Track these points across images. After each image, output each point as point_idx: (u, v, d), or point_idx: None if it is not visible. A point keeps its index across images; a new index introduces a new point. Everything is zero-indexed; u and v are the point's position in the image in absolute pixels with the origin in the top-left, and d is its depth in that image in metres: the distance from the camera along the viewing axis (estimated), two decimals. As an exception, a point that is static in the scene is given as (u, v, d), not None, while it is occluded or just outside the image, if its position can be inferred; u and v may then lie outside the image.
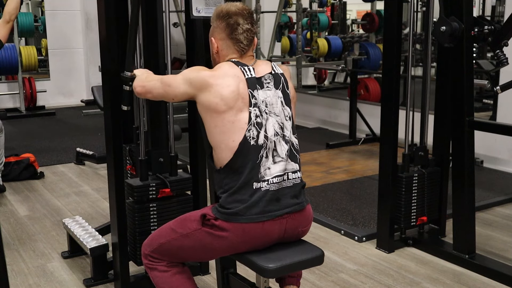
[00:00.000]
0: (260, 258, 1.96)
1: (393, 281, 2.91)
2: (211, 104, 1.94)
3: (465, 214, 3.08)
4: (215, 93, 1.94)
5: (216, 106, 1.93)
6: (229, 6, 2.04)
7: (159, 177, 2.57)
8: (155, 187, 2.53)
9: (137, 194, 2.50)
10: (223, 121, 1.94)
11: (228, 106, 1.93)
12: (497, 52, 2.94)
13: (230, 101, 1.94)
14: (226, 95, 1.93)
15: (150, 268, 2.11)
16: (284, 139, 2.01)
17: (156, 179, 2.56)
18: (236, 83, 1.96)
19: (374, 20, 7.74)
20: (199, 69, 2.03)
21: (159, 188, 2.54)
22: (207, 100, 1.95)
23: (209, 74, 1.98)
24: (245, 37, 2.03)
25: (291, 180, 2.02)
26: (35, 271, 3.03)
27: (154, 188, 2.53)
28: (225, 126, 1.94)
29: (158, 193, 2.54)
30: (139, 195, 2.51)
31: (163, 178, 2.55)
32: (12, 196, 4.31)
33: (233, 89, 1.95)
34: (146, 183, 2.52)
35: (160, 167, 2.58)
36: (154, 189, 2.53)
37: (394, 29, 3.13)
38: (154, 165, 2.56)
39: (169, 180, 2.55)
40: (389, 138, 3.22)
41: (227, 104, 1.93)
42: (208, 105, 1.95)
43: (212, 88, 1.94)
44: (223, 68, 2.00)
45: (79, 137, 6.30)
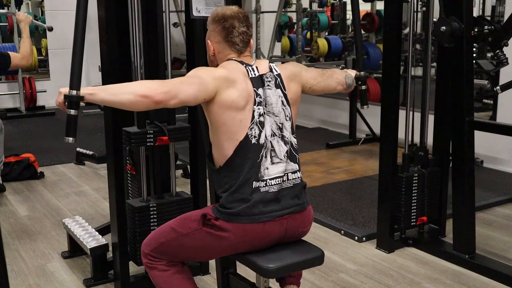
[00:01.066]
0: (260, 258, 1.95)
1: (393, 281, 2.91)
2: (234, 99, 1.93)
3: (465, 214, 3.08)
4: (235, 89, 1.94)
5: (238, 103, 1.93)
6: (225, 10, 2.04)
7: (157, 125, 2.54)
8: (152, 135, 2.50)
9: (135, 141, 2.46)
10: (233, 119, 1.93)
11: (246, 101, 1.94)
12: (497, 52, 2.94)
13: (246, 96, 1.95)
14: (242, 90, 1.95)
15: (150, 267, 2.10)
16: (283, 140, 2.01)
17: (154, 126, 2.54)
18: (245, 80, 1.97)
19: (374, 20, 7.75)
20: (210, 68, 2.03)
21: (157, 135, 2.51)
22: (229, 95, 1.93)
23: (225, 70, 1.97)
24: (241, 39, 2.03)
25: (291, 180, 2.02)
26: (35, 271, 3.03)
27: (152, 136, 2.50)
28: (234, 125, 1.94)
29: (155, 141, 2.51)
30: (136, 141, 2.47)
31: (161, 126, 2.53)
32: (12, 196, 4.31)
33: (244, 86, 1.96)
34: (143, 130, 2.49)
35: (158, 115, 2.54)
36: (151, 136, 2.49)
37: (394, 29, 3.13)
38: (152, 113, 2.52)
39: (167, 128, 2.53)
40: (389, 138, 3.22)
41: (245, 99, 1.94)
42: (230, 101, 1.93)
43: (235, 84, 1.94)
44: (231, 65, 2.00)
45: (79, 137, 6.26)
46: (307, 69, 2.22)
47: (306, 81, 2.17)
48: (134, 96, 1.82)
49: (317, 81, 2.22)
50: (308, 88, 2.20)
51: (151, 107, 1.87)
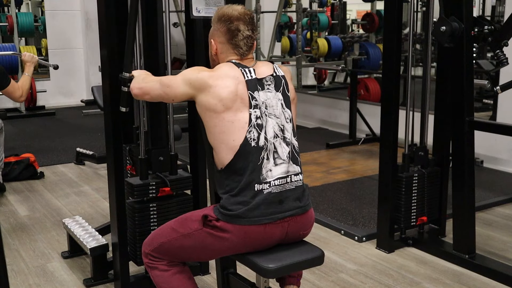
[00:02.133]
0: (260, 258, 1.96)
1: (393, 281, 2.91)
2: (210, 104, 1.95)
3: (465, 214, 3.09)
4: (213, 94, 1.94)
5: (215, 106, 1.94)
6: (231, 10, 2.03)
7: (159, 176, 2.57)
8: (155, 186, 2.53)
9: (137, 193, 2.50)
10: (223, 121, 1.94)
11: (226, 107, 1.94)
12: (497, 52, 2.94)
13: (228, 102, 1.94)
14: (225, 96, 1.94)
15: (151, 267, 2.11)
16: (285, 141, 2.01)
17: (156, 178, 2.56)
18: (235, 84, 1.96)
19: (374, 20, 7.74)
20: (199, 69, 2.03)
21: (159, 187, 2.54)
22: (206, 100, 1.96)
23: (208, 74, 1.98)
24: (245, 43, 2.03)
25: (294, 182, 2.01)
26: (35, 271, 3.03)
27: (154, 187, 2.53)
28: (224, 126, 1.94)
29: (158, 192, 2.53)
30: (139, 194, 2.50)
31: (163, 177, 2.55)
32: (12, 196, 4.31)
33: (231, 89, 1.95)
34: (146, 182, 2.52)
35: (160, 166, 2.57)
36: (154, 188, 2.53)
37: (394, 29, 3.14)
38: (154, 164, 2.56)
39: (169, 179, 2.55)
40: (389, 138, 3.22)
41: (225, 105, 1.94)
42: (207, 105, 1.96)
43: (211, 89, 1.95)
44: (223, 68, 2.00)
45: (79, 137, 6.30)
46: None
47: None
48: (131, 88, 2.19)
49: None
50: None
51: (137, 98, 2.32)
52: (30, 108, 7.99)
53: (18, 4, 8.24)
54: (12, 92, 3.72)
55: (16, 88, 3.72)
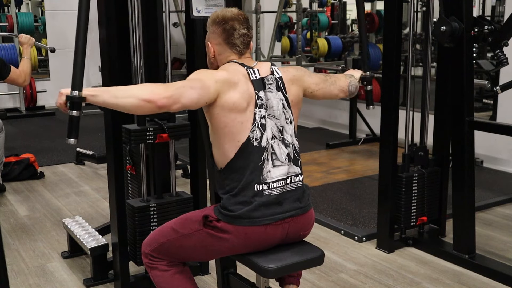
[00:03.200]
0: (260, 258, 1.96)
1: (393, 281, 2.91)
2: (235, 101, 1.93)
3: (465, 214, 3.08)
4: (237, 91, 1.93)
5: (240, 104, 1.93)
6: (225, 12, 2.04)
7: (157, 122, 2.54)
8: (152, 132, 2.50)
9: (134, 138, 2.46)
10: (234, 121, 1.93)
11: (247, 103, 1.94)
12: (497, 52, 2.94)
13: (247, 98, 1.95)
14: (243, 92, 1.95)
15: (151, 267, 2.10)
16: (284, 143, 2.01)
17: (154, 124, 2.54)
18: (246, 82, 1.97)
19: (374, 20, 7.74)
20: (212, 71, 2.01)
21: (157, 133, 2.51)
22: (230, 97, 1.93)
23: (226, 72, 1.97)
24: (242, 41, 2.04)
25: (294, 183, 2.01)
26: (35, 271, 3.03)
27: (152, 133, 2.50)
28: (234, 126, 1.94)
29: (155, 138, 2.51)
30: (136, 139, 2.47)
31: (160, 123, 2.53)
32: (12, 196, 4.31)
33: (245, 88, 1.96)
34: (143, 128, 2.49)
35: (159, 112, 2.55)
36: (151, 133, 2.50)
37: (394, 29, 3.14)
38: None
39: (167, 126, 2.53)
40: (389, 138, 3.22)
41: (246, 101, 1.94)
42: (231, 103, 1.92)
43: (236, 86, 1.94)
44: (232, 67, 2.00)
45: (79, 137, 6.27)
46: (310, 74, 2.21)
47: (308, 86, 2.18)
48: (138, 100, 1.80)
49: (319, 87, 2.22)
50: (309, 93, 2.20)
51: (154, 112, 1.85)
52: (30, 108, 7.99)
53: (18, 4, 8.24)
54: (15, 79, 3.75)
55: (18, 74, 3.74)
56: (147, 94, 1.81)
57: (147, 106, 1.81)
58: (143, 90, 1.85)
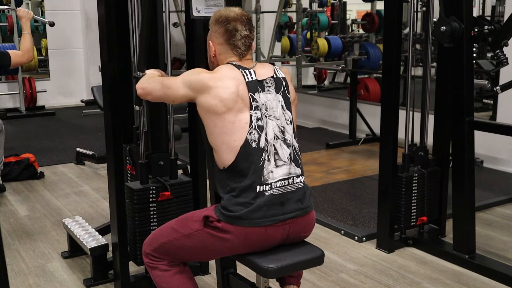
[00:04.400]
0: (260, 259, 1.96)
1: (393, 281, 2.91)
2: (211, 106, 1.95)
3: (465, 214, 3.08)
4: (214, 95, 1.94)
5: (216, 107, 1.94)
6: (228, 12, 2.04)
7: (160, 180, 2.56)
8: (155, 191, 2.53)
9: (137, 197, 2.50)
10: (224, 121, 1.94)
11: (228, 108, 1.94)
12: (497, 52, 2.94)
13: (230, 103, 1.94)
14: (226, 97, 1.94)
15: (151, 267, 2.11)
16: (286, 143, 2.01)
17: (156, 182, 2.56)
18: (236, 85, 1.96)
19: (374, 20, 7.74)
20: (199, 71, 2.03)
21: (159, 191, 2.53)
22: (206, 102, 1.96)
23: (208, 76, 1.98)
24: (243, 43, 2.04)
25: (295, 184, 2.01)
26: (35, 271, 3.03)
27: (154, 192, 2.53)
28: (225, 126, 1.94)
29: (158, 196, 2.53)
30: (139, 198, 2.50)
31: (163, 182, 2.55)
32: (12, 196, 4.31)
33: (232, 90, 1.95)
34: (146, 187, 2.52)
35: (160, 170, 2.57)
36: (154, 192, 2.53)
37: (394, 29, 3.13)
38: (154, 168, 2.56)
39: (169, 183, 2.55)
40: (389, 138, 3.22)
41: (226, 106, 1.94)
42: (207, 106, 1.96)
43: (212, 90, 1.95)
44: (222, 70, 2.00)
45: (79, 137, 6.30)
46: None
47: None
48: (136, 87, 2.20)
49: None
50: None
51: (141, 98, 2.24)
52: (30, 108, 7.99)
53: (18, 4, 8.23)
54: (19, 61, 3.76)
55: (20, 55, 3.74)
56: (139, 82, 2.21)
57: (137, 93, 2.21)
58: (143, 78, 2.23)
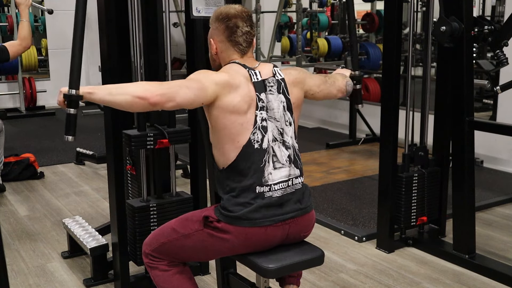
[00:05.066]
0: (260, 259, 1.96)
1: (393, 281, 2.91)
2: (235, 104, 1.92)
3: (465, 214, 3.08)
4: (238, 93, 1.93)
5: (238, 105, 1.92)
6: (228, 9, 2.03)
7: (157, 128, 2.55)
8: (153, 137, 2.51)
9: (135, 143, 2.47)
10: (234, 123, 1.93)
11: (248, 106, 1.93)
12: (497, 52, 2.94)
13: (248, 100, 1.94)
14: (245, 94, 1.94)
15: (151, 267, 2.11)
16: (284, 145, 2.00)
17: (154, 129, 2.54)
18: (247, 84, 1.96)
19: (374, 20, 7.74)
20: (211, 72, 2.00)
21: (157, 138, 2.52)
22: (230, 100, 1.92)
23: (227, 75, 1.96)
24: (244, 39, 2.03)
25: (294, 185, 2.01)
26: (35, 271, 3.03)
27: (152, 138, 2.51)
28: (234, 128, 1.93)
29: (156, 144, 2.52)
30: (136, 144, 2.48)
31: (161, 129, 2.54)
32: (12, 196, 4.31)
33: (246, 90, 1.95)
34: (143, 133, 2.50)
35: (159, 118, 2.55)
36: (152, 139, 2.51)
37: (394, 29, 3.13)
38: (153, 115, 2.54)
39: (167, 131, 2.54)
40: (389, 138, 3.22)
41: (247, 103, 1.93)
42: (230, 106, 1.92)
43: (237, 88, 1.93)
44: (233, 68, 1.99)
45: (79, 137, 6.27)
46: (311, 76, 2.22)
47: (309, 88, 2.18)
48: (132, 97, 1.81)
49: (320, 89, 2.23)
50: (310, 95, 2.21)
51: (148, 109, 1.86)
52: (30, 108, 7.99)
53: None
54: (16, 51, 3.69)
55: (17, 44, 3.67)
56: (140, 91, 1.82)
57: (140, 103, 1.82)
58: (137, 87, 1.85)
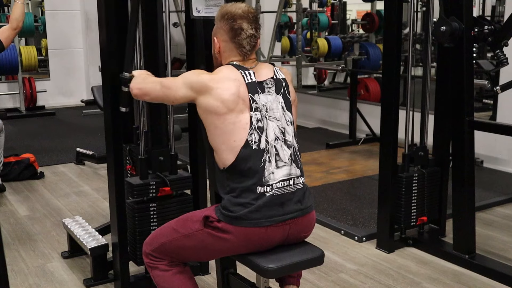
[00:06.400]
0: (260, 259, 1.96)
1: (393, 281, 2.91)
2: (212, 107, 1.94)
3: (465, 214, 3.08)
4: (215, 96, 1.94)
5: (217, 108, 1.93)
6: (235, 9, 2.01)
7: (159, 176, 2.57)
8: (155, 186, 2.53)
9: (137, 192, 2.50)
10: (224, 122, 1.94)
11: (229, 109, 1.93)
12: (497, 52, 2.94)
13: (231, 104, 1.93)
14: (226, 98, 1.93)
15: (151, 267, 2.11)
16: (286, 144, 2.01)
17: (156, 177, 2.56)
18: (237, 86, 1.96)
19: (374, 20, 7.75)
20: (199, 72, 2.03)
21: (159, 186, 2.54)
22: (207, 103, 1.95)
23: (209, 77, 1.97)
24: (248, 42, 2.02)
25: (295, 185, 2.01)
26: (35, 271, 3.03)
27: (154, 187, 2.53)
28: (226, 127, 1.94)
29: (158, 192, 2.54)
30: (139, 193, 2.50)
31: (163, 177, 2.56)
32: (12, 196, 4.31)
33: (233, 91, 1.94)
34: (146, 182, 2.52)
35: (160, 165, 2.57)
36: (154, 187, 2.53)
37: (394, 29, 3.14)
38: (154, 164, 2.56)
39: (169, 179, 2.55)
40: (389, 138, 3.22)
41: (227, 107, 1.93)
42: (209, 107, 1.95)
43: (213, 91, 1.94)
44: (223, 71, 2.00)
45: (79, 137, 6.30)
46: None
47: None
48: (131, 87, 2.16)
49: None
50: None
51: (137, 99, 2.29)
52: (30, 108, 7.99)
53: (18, 4, 8.22)
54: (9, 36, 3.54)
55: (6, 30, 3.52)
56: (133, 83, 2.16)
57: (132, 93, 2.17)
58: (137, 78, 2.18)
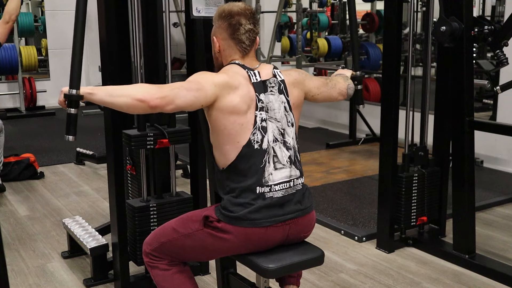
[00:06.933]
0: (260, 259, 1.96)
1: (393, 281, 2.91)
2: (235, 105, 1.92)
3: (465, 214, 3.08)
4: (238, 94, 1.93)
5: (238, 105, 1.92)
6: (232, 6, 2.03)
7: (157, 128, 2.55)
8: (153, 137, 2.51)
9: (135, 143, 2.48)
10: (234, 123, 1.93)
11: (248, 106, 1.93)
12: (497, 52, 2.94)
13: (248, 101, 1.94)
14: (244, 95, 1.94)
15: (151, 266, 2.11)
16: (285, 145, 2.00)
17: (154, 129, 2.55)
18: (247, 85, 1.96)
19: (374, 20, 7.74)
20: (210, 73, 2.00)
21: (157, 138, 2.52)
22: (230, 101, 1.92)
23: (226, 76, 1.96)
24: (247, 37, 2.02)
25: (295, 186, 2.01)
26: (35, 271, 3.03)
27: (152, 138, 2.51)
28: (234, 128, 1.93)
29: (156, 144, 2.52)
30: (136, 144, 2.48)
31: (161, 129, 2.54)
32: (12, 196, 4.31)
33: (246, 91, 1.95)
34: (144, 133, 2.50)
35: (159, 118, 2.56)
36: (152, 139, 2.51)
37: (394, 29, 3.13)
38: (152, 116, 2.54)
39: (167, 131, 2.54)
40: (389, 138, 3.22)
41: (246, 104, 1.93)
42: (230, 106, 1.92)
43: (236, 89, 1.93)
44: (232, 69, 1.99)
45: (79, 137, 6.26)
46: (311, 78, 2.22)
47: (309, 90, 2.18)
48: (131, 99, 1.81)
49: (320, 91, 2.22)
50: (310, 97, 2.21)
51: (147, 112, 1.87)
52: (30, 108, 7.99)
53: (18, 4, 8.22)
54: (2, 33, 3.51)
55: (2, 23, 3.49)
56: (140, 94, 1.82)
57: (140, 106, 1.82)
58: (137, 89, 1.86)
